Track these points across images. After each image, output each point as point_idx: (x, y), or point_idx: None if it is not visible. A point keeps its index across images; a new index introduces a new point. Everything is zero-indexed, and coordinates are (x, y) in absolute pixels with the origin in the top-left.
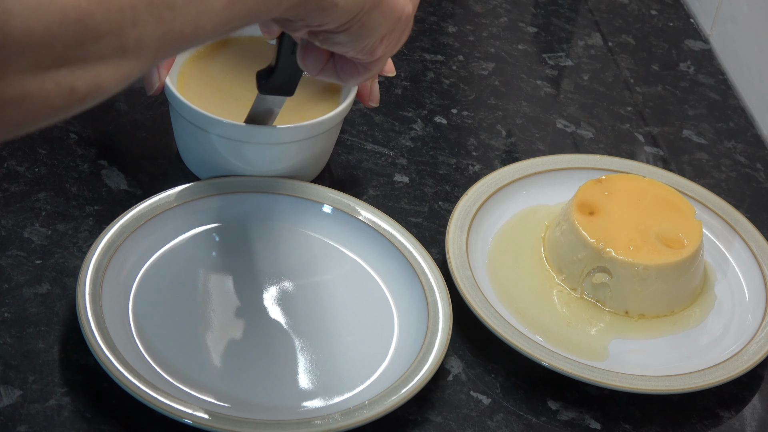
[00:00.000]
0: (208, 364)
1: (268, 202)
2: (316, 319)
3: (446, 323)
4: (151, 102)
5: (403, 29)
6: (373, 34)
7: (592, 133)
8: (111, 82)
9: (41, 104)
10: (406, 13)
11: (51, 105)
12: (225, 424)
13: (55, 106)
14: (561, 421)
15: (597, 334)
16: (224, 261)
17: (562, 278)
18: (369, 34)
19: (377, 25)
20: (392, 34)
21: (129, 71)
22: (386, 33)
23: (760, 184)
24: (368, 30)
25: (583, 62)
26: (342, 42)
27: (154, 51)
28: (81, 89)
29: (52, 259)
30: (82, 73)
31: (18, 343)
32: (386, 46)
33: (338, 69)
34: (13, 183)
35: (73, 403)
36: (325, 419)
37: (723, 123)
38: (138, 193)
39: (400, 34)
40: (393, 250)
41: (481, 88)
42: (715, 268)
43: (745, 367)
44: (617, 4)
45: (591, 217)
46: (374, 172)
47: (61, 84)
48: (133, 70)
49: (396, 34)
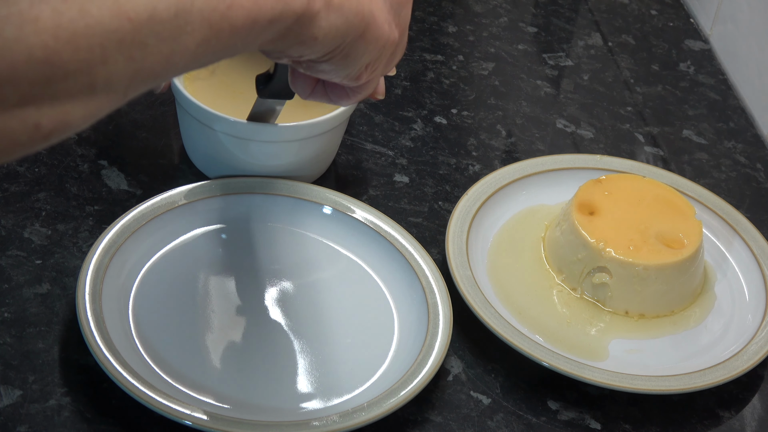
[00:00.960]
0: (207, 365)
1: (268, 204)
2: (316, 321)
3: (446, 325)
4: (151, 102)
5: (392, 54)
6: (357, 62)
7: (592, 133)
8: (78, 119)
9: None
10: (392, 40)
11: (15, 141)
12: (224, 425)
13: (19, 142)
14: (561, 421)
15: (597, 334)
16: (224, 262)
17: (562, 278)
18: (353, 63)
19: (361, 54)
20: (378, 60)
21: (97, 108)
22: (372, 60)
23: (760, 184)
24: (352, 59)
25: (583, 62)
26: (326, 70)
27: (124, 88)
28: (47, 126)
29: (52, 259)
30: (49, 110)
31: (18, 343)
32: (372, 71)
33: (328, 92)
34: (13, 183)
35: (73, 403)
36: (324, 421)
37: (723, 123)
38: (138, 193)
39: (389, 59)
40: (393, 251)
41: (481, 88)
42: (715, 268)
43: (745, 367)
44: (617, 4)
45: (591, 217)
46: (374, 172)
47: (26, 121)
48: (102, 107)
49: (383, 59)
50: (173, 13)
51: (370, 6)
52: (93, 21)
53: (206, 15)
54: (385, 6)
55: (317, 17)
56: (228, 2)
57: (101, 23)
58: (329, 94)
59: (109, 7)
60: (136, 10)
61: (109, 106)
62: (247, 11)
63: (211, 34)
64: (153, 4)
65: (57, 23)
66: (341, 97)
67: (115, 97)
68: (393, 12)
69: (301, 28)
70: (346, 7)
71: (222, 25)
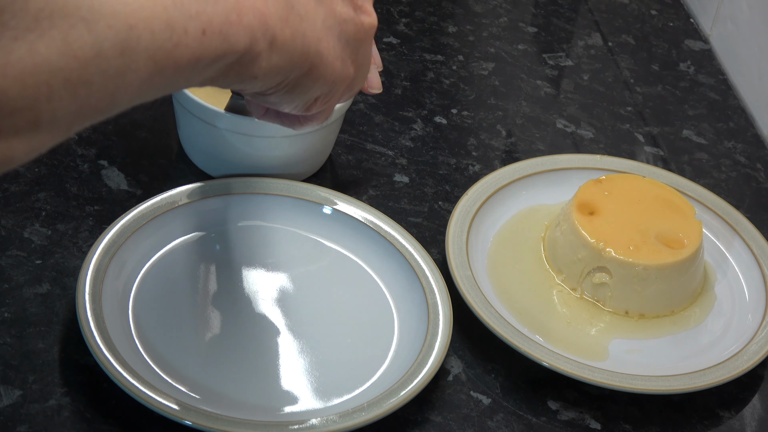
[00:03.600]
0: (207, 365)
1: (269, 203)
2: (316, 321)
3: (446, 325)
4: (151, 102)
5: (347, 86)
6: (304, 96)
7: (592, 133)
8: (21, 154)
9: None
10: (345, 76)
11: None
12: (224, 425)
13: None
14: (561, 421)
15: (597, 334)
16: (224, 262)
17: (562, 278)
18: (298, 97)
19: (307, 89)
20: (331, 93)
21: (41, 143)
22: (323, 93)
23: (760, 184)
24: (297, 93)
25: (583, 62)
26: (271, 102)
27: (68, 124)
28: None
29: (52, 259)
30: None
31: (18, 343)
32: (325, 103)
33: (281, 117)
34: (13, 183)
35: (73, 403)
36: (324, 421)
37: (723, 123)
38: (138, 193)
39: (344, 91)
40: (393, 251)
41: (481, 88)
42: (715, 268)
43: (745, 367)
44: (617, 4)
45: (591, 217)
46: (374, 172)
47: None
48: (45, 142)
49: (336, 93)
50: (119, 51)
51: (317, 46)
52: (41, 59)
53: (151, 53)
54: (339, 44)
55: (259, 57)
56: (174, 41)
57: (49, 61)
58: (282, 119)
59: (57, 46)
60: (84, 48)
61: (52, 141)
62: (192, 50)
63: (155, 71)
64: (100, 43)
65: (5, 61)
66: (293, 122)
67: (58, 132)
68: (349, 49)
69: (241, 67)
70: (289, 47)
71: (166, 63)
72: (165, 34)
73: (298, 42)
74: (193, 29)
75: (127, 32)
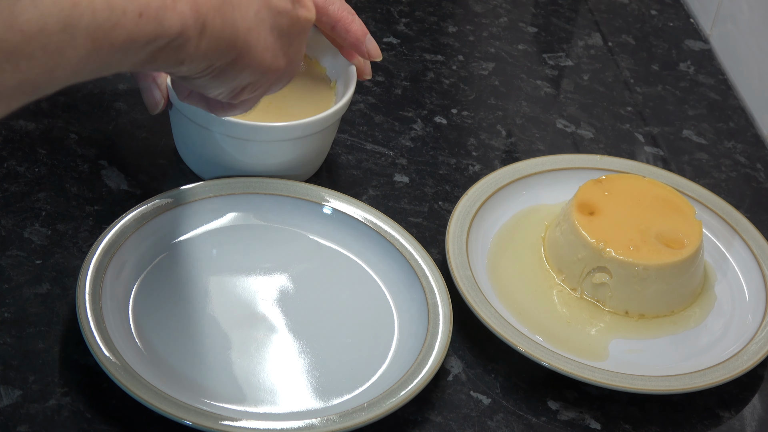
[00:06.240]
0: (207, 365)
1: (268, 203)
2: (315, 321)
3: (446, 325)
4: None
5: (277, 78)
6: (230, 83)
7: (592, 133)
8: None
9: None
10: (275, 68)
11: None
12: (224, 425)
13: None
14: (561, 421)
15: (597, 334)
16: (224, 262)
17: (562, 278)
18: (224, 84)
19: (233, 78)
20: (260, 82)
21: None
22: (252, 81)
23: (760, 184)
24: (222, 80)
25: (583, 62)
26: (198, 85)
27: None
28: None
29: (52, 259)
30: None
31: (18, 343)
32: (253, 91)
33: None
34: (13, 183)
35: (73, 403)
36: (324, 421)
37: (723, 123)
38: (138, 193)
39: (273, 82)
40: (393, 251)
41: (481, 88)
42: (715, 268)
43: (745, 367)
44: (617, 4)
45: (591, 217)
46: (374, 172)
47: None
48: None
49: (265, 82)
50: (61, 27)
51: (246, 36)
52: None
53: (91, 32)
54: (271, 36)
55: (188, 43)
56: (113, 21)
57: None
58: (207, 103)
59: (3, 19)
60: (29, 23)
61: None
62: (128, 32)
63: (93, 49)
64: (45, 18)
65: None
66: (217, 108)
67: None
68: (281, 42)
69: (170, 51)
70: (217, 35)
71: (103, 42)
72: (105, 13)
73: (227, 31)
74: (131, 11)
75: (70, 9)
